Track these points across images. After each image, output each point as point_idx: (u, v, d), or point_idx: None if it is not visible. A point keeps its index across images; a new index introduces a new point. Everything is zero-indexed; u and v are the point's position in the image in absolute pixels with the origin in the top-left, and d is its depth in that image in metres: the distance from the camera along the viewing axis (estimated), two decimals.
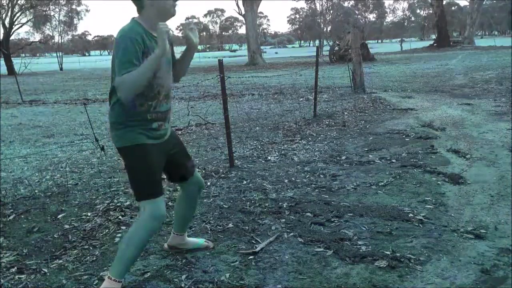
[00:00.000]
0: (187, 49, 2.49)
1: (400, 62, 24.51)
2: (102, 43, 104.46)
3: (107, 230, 3.28)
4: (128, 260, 2.37)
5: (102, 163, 5.32)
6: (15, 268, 2.75)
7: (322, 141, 6.06)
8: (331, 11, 71.57)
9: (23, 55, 49.05)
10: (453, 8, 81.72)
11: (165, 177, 2.68)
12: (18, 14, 36.95)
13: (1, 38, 34.49)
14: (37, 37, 51.54)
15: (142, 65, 2.14)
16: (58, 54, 43.55)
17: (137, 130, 2.32)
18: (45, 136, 7.48)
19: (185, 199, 2.76)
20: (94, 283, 2.55)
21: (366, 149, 5.46)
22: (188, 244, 2.88)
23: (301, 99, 10.49)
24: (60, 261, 2.84)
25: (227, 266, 2.69)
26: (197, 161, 5.21)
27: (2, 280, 2.62)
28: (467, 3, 51.25)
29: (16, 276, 2.66)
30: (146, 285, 2.52)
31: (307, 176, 4.46)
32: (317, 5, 73.29)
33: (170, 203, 3.77)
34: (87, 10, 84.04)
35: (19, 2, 36.57)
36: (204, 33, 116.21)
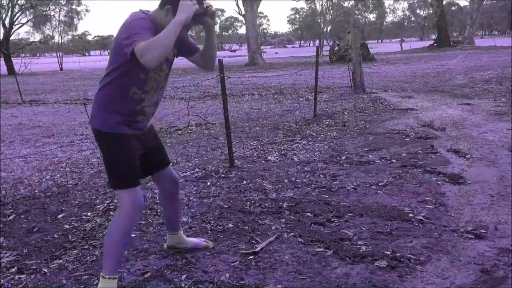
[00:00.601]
0: (206, 31, 2.42)
1: (400, 62, 24.52)
2: (102, 43, 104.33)
3: (107, 230, 3.27)
4: (116, 255, 2.35)
5: (102, 163, 5.32)
6: (15, 268, 2.75)
7: (322, 141, 6.06)
8: (331, 11, 71.57)
9: (23, 55, 49.05)
10: (453, 8, 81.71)
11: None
12: (18, 14, 37.01)
13: (1, 38, 34.51)
14: (37, 37, 51.58)
15: (163, 30, 2.07)
16: (58, 54, 43.57)
17: (119, 119, 2.30)
18: (45, 136, 7.48)
19: (166, 197, 2.76)
20: (94, 283, 2.55)
21: (366, 149, 5.46)
22: (187, 243, 2.88)
23: (301, 99, 10.49)
24: (60, 261, 2.84)
25: (227, 266, 2.69)
26: (197, 161, 5.21)
27: (2, 280, 2.62)
28: (467, 3, 51.28)
29: (16, 276, 2.66)
30: (146, 285, 2.52)
31: (307, 176, 4.46)
32: (317, 5, 73.28)
33: None
34: (87, 10, 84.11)
35: (19, 2, 36.59)
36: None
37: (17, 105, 12.39)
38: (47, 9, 41.90)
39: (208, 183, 4.28)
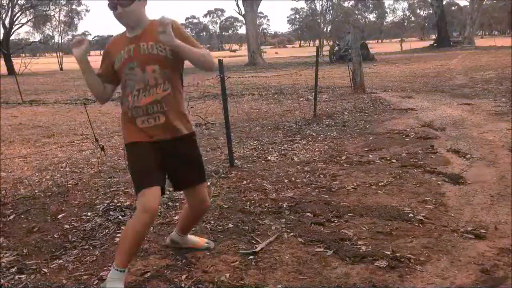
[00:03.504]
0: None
1: (400, 62, 24.51)
2: (102, 43, 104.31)
3: (107, 230, 3.28)
4: (127, 251, 2.40)
5: (102, 163, 5.32)
6: (15, 268, 2.75)
7: (322, 141, 6.06)
8: (331, 11, 71.53)
9: (23, 55, 49.01)
10: (453, 8, 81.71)
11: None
12: (18, 14, 36.97)
13: (1, 38, 34.49)
14: (37, 37, 51.56)
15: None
16: (58, 54, 43.53)
17: (129, 129, 2.46)
18: (45, 136, 7.48)
19: (189, 211, 2.76)
20: (94, 283, 2.55)
21: (366, 149, 5.46)
22: (188, 242, 2.90)
23: (301, 99, 10.49)
24: (60, 261, 2.84)
25: (227, 266, 2.69)
26: None
27: (2, 280, 2.62)
28: (467, 3, 51.26)
29: (16, 276, 2.66)
30: (146, 285, 2.52)
31: (307, 176, 4.46)
32: (317, 5, 73.22)
33: (170, 203, 3.77)
34: (87, 10, 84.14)
35: (19, 2, 36.57)
36: (204, 33, 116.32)
37: (17, 105, 12.37)
38: (47, 9, 41.87)
39: (208, 183, 4.28)
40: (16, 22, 36.97)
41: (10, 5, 35.70)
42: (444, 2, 48.30)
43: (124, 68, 2.40)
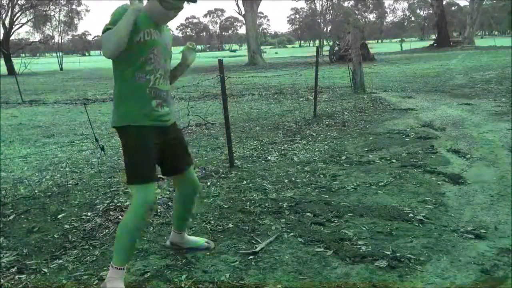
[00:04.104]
0: (179, 64, 2.65)
1: (400, 62, 24.52)
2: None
3: (107, 230, 3.28)
4: (125, 248, 2.41)
5: (102, 163, 5.32)
6: (15, 268, 2.75)
7: (322, 141, 6.06)
8: (331, 11, 71.56)
9: (23, 55, 49.03)
10: (453, 8, 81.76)
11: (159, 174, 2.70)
12: (18, 14, 36.96)
13: (1, 38, 34.48)
14: (37, 37, 51.58)
15: (118, 23, 2.22)
16: (58, 54, 43.53)
17: (136, 110, 2.36)
18: (45, 136, 7.48)
19: (180, 199, 2.78)
20: (94, 283, 2.55)
21: (366, 149, 5.46)
22: (188, 243, 2.89)
23: (301, 99, 10.49)
24: (60, 261, 2.84)
25: (227, 266, 2.69)
26: (197, 161, 5.21)
27: (2, 280, 2.62)
28: (467, 3, 51.28)
29: (16, 276, 2.66)
30: (146, 285, 2.52)
31: (307, 176, 4.46)
32: (317, 5, 73.27)
33: (170, 203, 3.77)
34: (87, 10, 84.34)
35: (19, 2, 36.57)
36: (204, 33, 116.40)
37: (17, 105, 12.37)
38: (47, 9, 41.87)
39: (208, 183, 4.28)
40: (16, 22, 36.96)
41: (10, 5, 35.70)
42: (444, 2, 48.30)
43: (154, 47, 2.37)
